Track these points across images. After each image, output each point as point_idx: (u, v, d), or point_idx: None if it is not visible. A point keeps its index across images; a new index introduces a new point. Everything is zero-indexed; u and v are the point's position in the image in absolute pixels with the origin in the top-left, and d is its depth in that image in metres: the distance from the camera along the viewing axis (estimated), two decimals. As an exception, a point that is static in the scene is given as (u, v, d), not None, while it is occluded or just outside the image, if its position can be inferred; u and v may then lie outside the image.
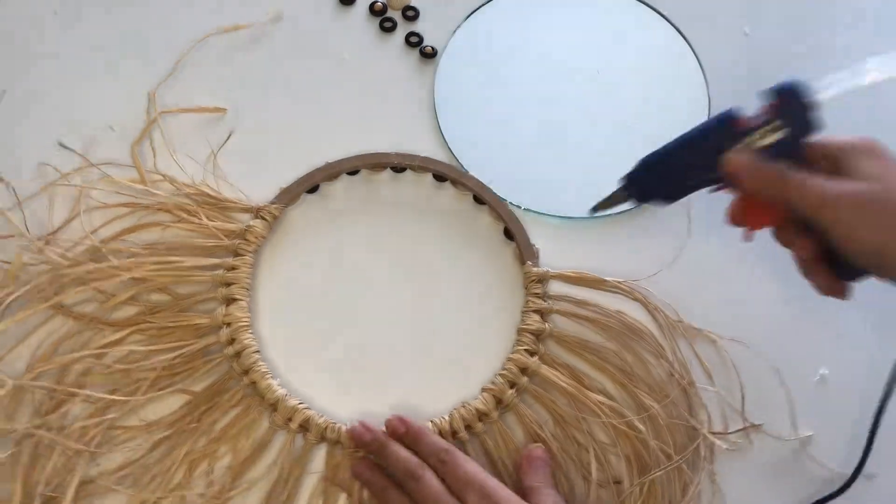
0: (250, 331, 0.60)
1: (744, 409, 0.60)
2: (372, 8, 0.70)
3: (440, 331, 0.61)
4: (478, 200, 0.64)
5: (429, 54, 0.69)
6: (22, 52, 0.67)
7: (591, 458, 0.57)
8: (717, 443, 0.58)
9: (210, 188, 0.63)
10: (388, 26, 0.70)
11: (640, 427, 0.57)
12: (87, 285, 0.58)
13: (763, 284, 0.63)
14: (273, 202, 0.63)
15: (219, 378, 0.59)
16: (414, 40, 0.69)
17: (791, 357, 0.61)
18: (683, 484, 0.57)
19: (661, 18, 0.72)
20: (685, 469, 0.57)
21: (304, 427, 0.58)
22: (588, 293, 0.62)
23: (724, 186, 0.51)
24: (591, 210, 0.57)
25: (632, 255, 0.63)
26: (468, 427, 0.58)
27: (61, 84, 0.66)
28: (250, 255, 0.61)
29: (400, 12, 0.71)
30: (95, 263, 0.59)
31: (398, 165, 0.65)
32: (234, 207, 0.63)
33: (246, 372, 0.58)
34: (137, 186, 0.62)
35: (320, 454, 0.58)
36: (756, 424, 0.60)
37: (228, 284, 0.60)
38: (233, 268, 0.60)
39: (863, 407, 0.61)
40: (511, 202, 0.64)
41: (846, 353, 0.62)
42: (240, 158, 0.65)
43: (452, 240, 0.64)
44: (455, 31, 0.70)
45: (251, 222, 0.62)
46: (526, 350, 0.59)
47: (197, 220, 0.61)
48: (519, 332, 0.61)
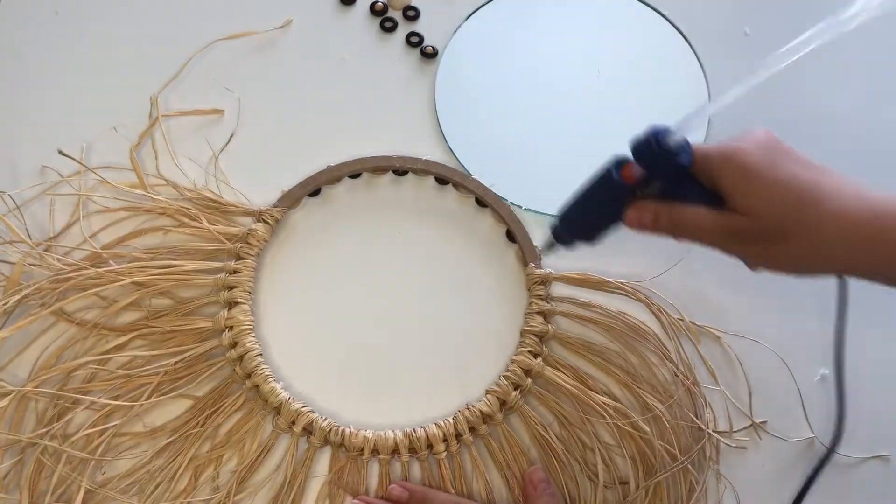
0: (253, 334, 0.59)
1: (751, 406, 0.60)
2: (372, 8, 0.70)
3: (443, 333, 0.61)
4: (480, 203, 0.64)
5: (429, 54, 0.69)
6: (22, 52, 0.67)
7: (598, 460, 0.57)
8: (723, 442, 0.59)
9: (211, 192, 0.63)
10: (388, 26, 0.70)
11: (646, 428, 0.57)
12: (88, 291, 0.58)
13: (763, 284, 0.64)
14: (275, 205, 0.63)
15: (221, 382, 0.59)
16: (414, 40, 0.69)
17: (791, 357, 0.61)
18: (689, 484, 0.57)
19: (662, 18, 0.72)
20: (691, 469, 0.57)
21: (308, 430, 0.58)
22: (591, 294, 0.62)
23: None
24: (540, 252, 0.62)
25: (634, 256, 0.63)
26: (472, 429, 0.58)
27: (62, 86, 0.66)
28: (252, 258, 0.61)
29: (400, 12, 0.70)
30: (97, 268, 0.58)
31: (400, 168, 0.64)
32: (236, 211, 0.62)
33: (249, 375, 0.58)
34: (138, 191, 0.62)
35: (324, 457, 0.58)
36: (761, 422, 0.60)
37: (231, 288, 0.60)
38: (235, 271, 0.60)
39: (864, 405, 0.61)
40: (512, 202, 0.64)
41: (846, 352, 0.63)
42: (241, 162, 0.65)
43: (455, 242, 0.64)
44: (455, 31, 0.70)
45: (253, 226, 0.62)
46: (529, 352, 0.60)
47: (198, 224, 0.61)
48: (522, 333, 0.61)
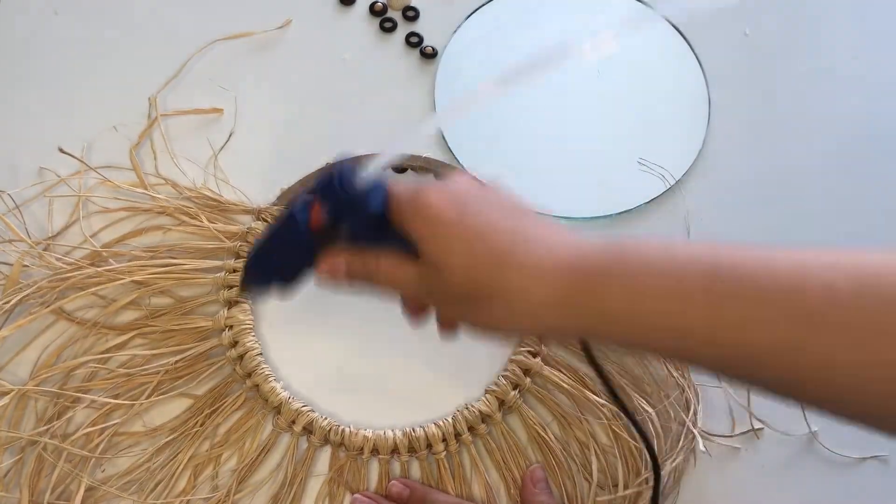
0: (253, 333, 0.59)
1: (750, 404, 0.60)
2: (372, 8, 0.70)
3: (442, 332, 0.61)
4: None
5: (429, 54, 0.69)
6: (22, 52, 0.67)
7: (592, 459, 0.57)
8: (720, 442, 0.59)
9: (211, 190, 0.63)
10: (388, 26, 0.70)
11: (635, 432, 0.56)
12: (88, 290, 0.58)
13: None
14: (274, 204, 0.63)
15: (221, 381, 0.59)
16: (414, 40, 0.69)
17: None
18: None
19: (662, 18, 0.72)
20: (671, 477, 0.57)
21: (308, 430, 0.58)
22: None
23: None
24: (241, 293, 0.59)
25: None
26: (471, 428, 0.58)
27: (62, 86, 0.66)
28: (252, 257, 0.61)
29: (400, 12, 0.70)
30: (96, 267, 0.58)
31: (399, 166, 0.65)
32: (236, 209, 0.62)
33: (249, 375, 0.58)
34: (137, 190, 0.62)
35: (324, 457, 0.58)
36: (758, 428, 0.60)
37: (230, 287, 0.60)
38: (235, 270, 0.60)
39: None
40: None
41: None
42: (241, 161, 0.65)
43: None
44: (455, 31, 0.70)
45: (253, 224, 0.62)
46: (528, 351, 0.60)
47: (198, 223, 0.61)
48: (521, 333, 0.61)
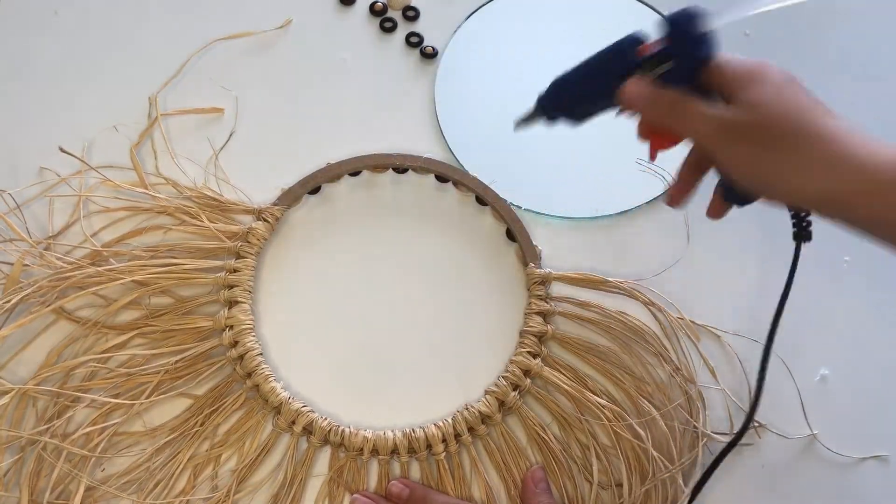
0: (253, 333, 0.59)
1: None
2: (372, 8, 0.70)
3: (443, 333, 0.62)
4: (480, 202, 0.64)
5: (429, 54, 0.69)
6: (22, 52, 0.67)
7: (593, 460, 0.57)
8: (720, 441, 0.59)
9: (211, 190, 0.63)
10: (388, 26, 0.70)
11: (641, 432, 0.57)
12: (88, 289, 0.58)
13: (763, 285, 0.64)
14: (275, 204, 0.63)
15: (221, 381, 0.59)
16: (414, 40, 0.69)
17: (791, 357, 0.61)
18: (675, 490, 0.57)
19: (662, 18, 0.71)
20: (678, 481, 0.57)
21: (308, 430, 0.58)
22: (590, 294, 0.62)
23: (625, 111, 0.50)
24: (515, 126, 0.56)
25: (634, 255, 0.64)
26: (471, 429, 0.58)
27: (62, 86, 0.66)
28: (252, 257, 0.61)
29: (400, 12, 0.70)
30: (97, 267, 0.58)
31: (400, 166, 0.65)
32: (236, 209, 0.62)
33: (249, 375, 0.58)
34: (138, 190, 0.62)
35: (324, 457, 0.58)
36: (761, 424, 0.60)
37: (231, 287, 0.60)
38: (235, 270, 0.60)
39: (863, 405, 0.61)
40: (512, 202, 0.64)
41: (846, 353, 0.63)
42: (241, 160, 0.65)
43: (455, 241, 0.64)
44: (455, 31, 0.70)
45: (253, 224, 0.62)
46: (528, 352, 0.60)
47: (198, 223, 0.61)
48: (521, 334, 0.61)
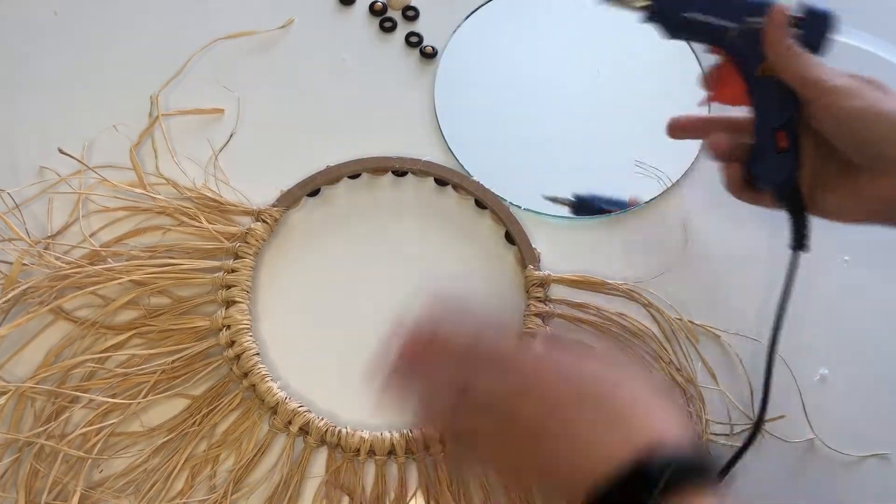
0: (250, 333, 0.59)
1: (753, 404, 0.60)
2: (372, 8, 0.70)
3: (441, 334, 0.61)
4: (479, 205, 0.64)
5: (429, 54, 0.69)
6: (22, 52, 0.67)
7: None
8: (719, 440, 0.59)
9: (211, 191, 0.63)
10: (388, 26, 0.70)
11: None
12: (86, 289, 0.58)
13: (763, 285, 0.64)
14: (274, 205, 0.63)
15: (218, 381, 0.59)
16: (414, 40, 0.69)
17: (791, 357, 0.61)
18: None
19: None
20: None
21: (305, 430, 0.58)
22: (589, 296, 0.62)
23: (717, 51, 0.54)
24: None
25: (633, 256, 0.63)
26: (469, 430, 0.58)
27: (62, 86, 0.66)
28: (251, 257, 0.61)
29: (400, 12, 0.70)
30: (95, 267, 0.58)
31: (400, 169, 0.64)
32: (235, 210, 0.62)
33: (246, 375, 0.58)
34: (137, 190, 0.62)
35: (321, 457, 0.58)
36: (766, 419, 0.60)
37: (229, 287, 0.60)
38: (233, 270, 0.60)
39: (863, 407, 0.61)
40: (511, 203, 0.64)
41: (846, 353, 0.63)
42: (241, 161, 0.65)
43: (454, 243, 0.64)
44: (455, 31, 0.70)
45: (252, 225, 0.62)
46: (527, 353, 0.59)
47: (197, 223, 0.61)
48: (520, 336, 0.60)
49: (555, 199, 0.63)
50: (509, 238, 0.63)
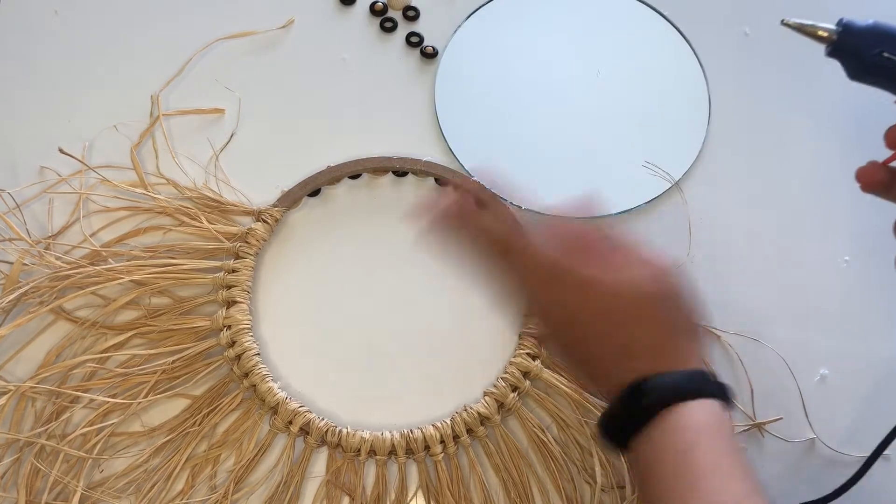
0: (251, 333, 0.59)
1: (753, 404, 0.60)
2: (372, 8, 0.70)
3: (442, 334, 0.61)
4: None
5: (429, 54, 0.69)
6: (22, 52, 0.67)
7: (595, 463, 0.57)
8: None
9: (211, 191, 0.63)
10: (388, 26, 0.70)
11: None
12: (87, 289, 0.58)
13: (763, 285, 0.64)
14: (274, 205, 0.63)
15: (219, 381, 0.59)
16: (414, 40, 0.69)
17: (791, 357, 0.61)
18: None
19: (662, 18, 0.71)
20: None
21: (305, 430, 0.58)
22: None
23: None
24: (783, 21, 0.48)
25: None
26: (470, 431, 0.58)
27: (62, 86, 0.66)
28: (251, 257, 0.61)
29: (400, 12, 0.70)
30: (95, 267, 0.58)
31: (400, 170, 0.64)
32: (236, 210, 0.63)
33: (246, 375, 0.58)
34: (137, 190, 0.62)
35: (321, 457, 0.58)
36: (762, 422, 0.60)
37: (229, 287, 0.60)
38: (234, 270, 0.60)
39: (863, 407, 0.61)
40: (512, 202, 0.64)
41: (846, 353, 0.63)
42: (241, 161, 0.65)
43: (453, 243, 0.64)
44: (455, 31, 0.70)
45: (252, 225, 0.62)
46: (528, 354, 0.59)
47: (198, 223, 0.61)
48: (521, 335, 0.61)
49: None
50: (510, 238, 0.63)
